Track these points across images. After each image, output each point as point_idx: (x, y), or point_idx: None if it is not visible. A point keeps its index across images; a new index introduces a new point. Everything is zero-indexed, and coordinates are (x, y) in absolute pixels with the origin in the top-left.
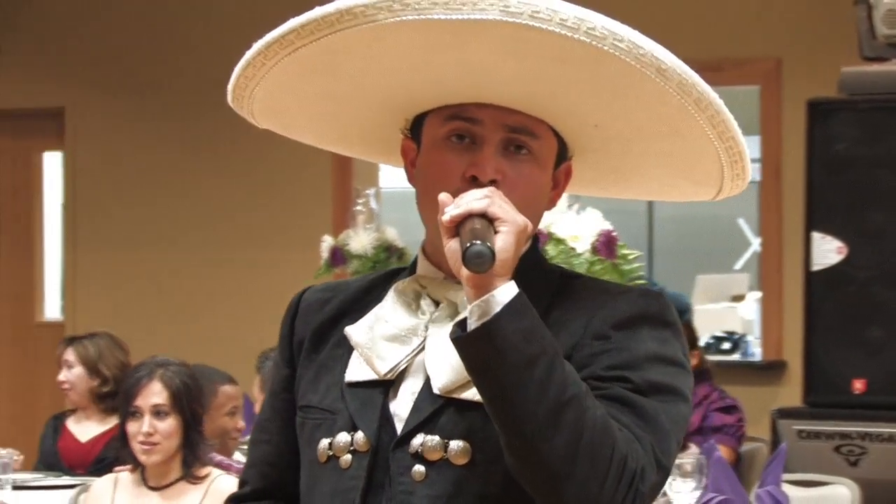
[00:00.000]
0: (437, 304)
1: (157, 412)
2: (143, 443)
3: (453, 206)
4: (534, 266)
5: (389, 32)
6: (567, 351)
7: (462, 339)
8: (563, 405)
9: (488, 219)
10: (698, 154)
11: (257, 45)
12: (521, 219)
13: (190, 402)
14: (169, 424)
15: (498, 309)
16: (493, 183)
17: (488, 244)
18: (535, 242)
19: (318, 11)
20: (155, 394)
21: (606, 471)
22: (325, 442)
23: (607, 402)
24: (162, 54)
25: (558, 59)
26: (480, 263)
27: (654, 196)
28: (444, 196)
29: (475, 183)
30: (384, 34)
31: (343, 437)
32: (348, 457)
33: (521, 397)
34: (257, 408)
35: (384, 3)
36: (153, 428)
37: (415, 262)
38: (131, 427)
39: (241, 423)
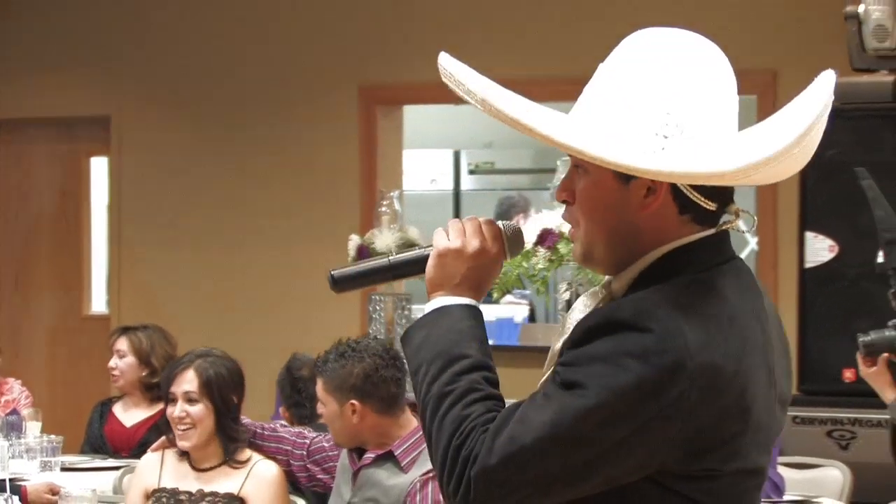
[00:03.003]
0: None
1: (189, 399)
2: (178, 426)
3: None
4: (657, 275)
5: None
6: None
7: None
8: (425, 407)
9: None
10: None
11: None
12: (444, 244)
13: (221, 390)
14: (199, 410)
15: (412, 324)
16: (565, 202)
17: (333, 272)
18: (671, 254)
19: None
20: (187, 381)
21: (444, 458)
22: None
23: (534, 394)
24: (201, 68)
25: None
26: (331, 287)
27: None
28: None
29: None
30: None
31: None
32: None
33: (415, 395)
34: None
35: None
36: (184, 412)
37: None
38: (169, 411)
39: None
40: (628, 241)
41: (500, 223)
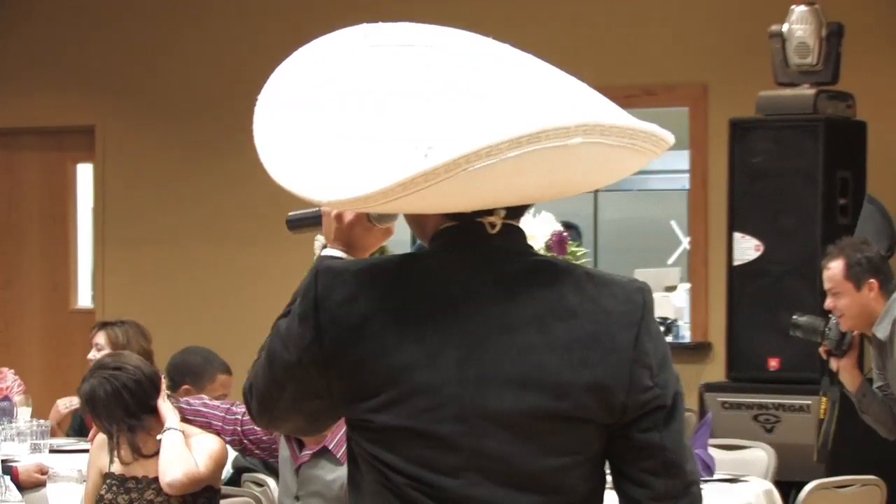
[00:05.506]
0: None
1: None
2: None
3: None
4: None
5: None
6: None
7: None
8: None
9: None
10: None
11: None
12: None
13: (98, 410)
14: (96, 426)
15: None
16: None
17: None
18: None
19: None
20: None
21: None
22: None
23: None
24: (178, 82)
25: None
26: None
27: None
28: None
29: None
30: None
31: None
32: None
33: None
34: None
35: None
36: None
37: None
38: None
39: None
40: (419, 227)
41: None
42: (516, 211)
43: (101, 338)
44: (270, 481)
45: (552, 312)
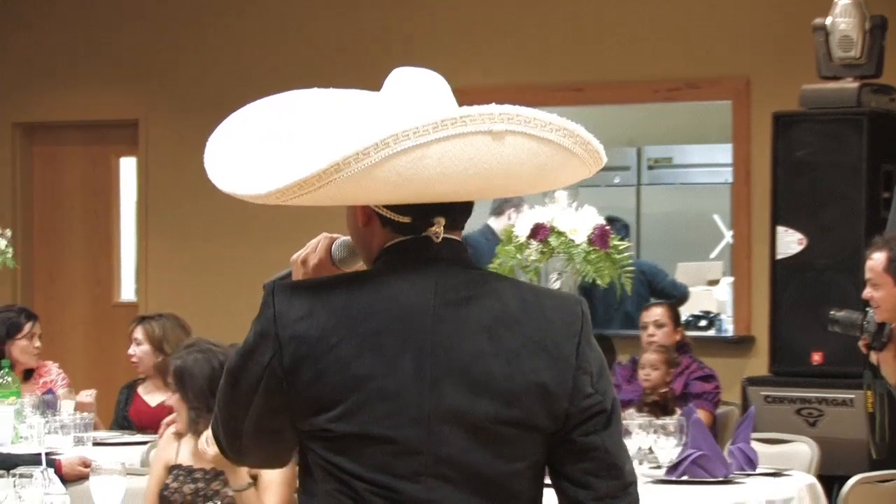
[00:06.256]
0: None
1: (172, 389)
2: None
3: None
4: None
5: None
6: None
7: None
8: None
9: None
10: None
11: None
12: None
13: (186, 384)
14: (176, 400)
15: None
16: None
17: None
18: (378, 254)
19: None
20: (169, 373)
21: None
22: None
23: None
24: (222, 76)
25: None
26: None
27: None
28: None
29: None
30: None
31: None
32: None
33: None
34: None
35: None
36: (171, 399)
37: None
38: None
39: None
40: (366, 247)
41: (341, 240)
42: (455, 221)
43: (138, 332)
44: None
45: (499, 321)
